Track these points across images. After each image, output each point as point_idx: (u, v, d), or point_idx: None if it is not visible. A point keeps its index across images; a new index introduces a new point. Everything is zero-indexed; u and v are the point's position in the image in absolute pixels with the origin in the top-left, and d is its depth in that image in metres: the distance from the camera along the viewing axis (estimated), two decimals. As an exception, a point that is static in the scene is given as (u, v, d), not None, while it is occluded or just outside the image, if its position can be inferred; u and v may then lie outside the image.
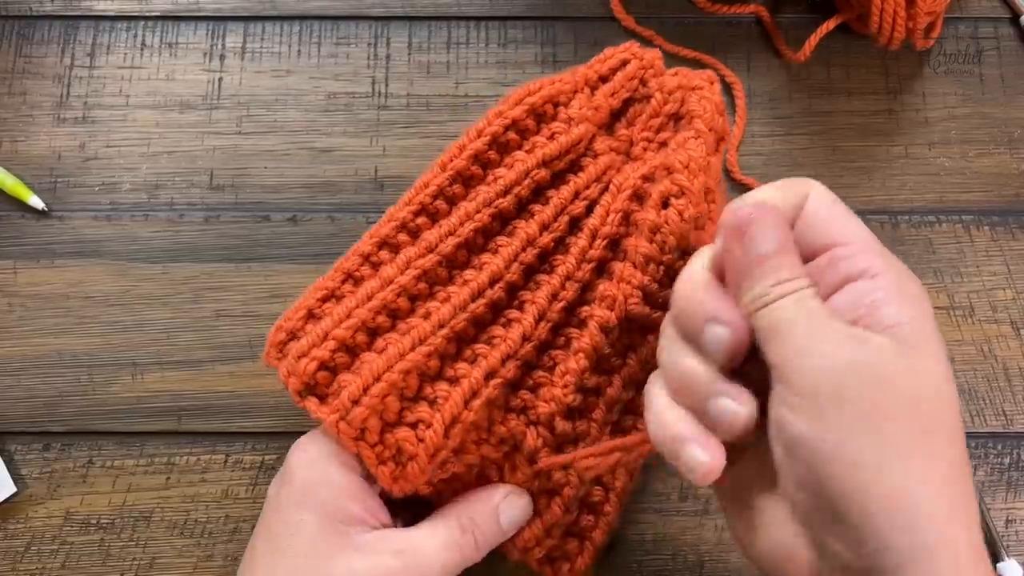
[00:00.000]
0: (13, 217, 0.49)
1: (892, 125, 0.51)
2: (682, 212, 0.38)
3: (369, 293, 0.38)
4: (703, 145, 0.40)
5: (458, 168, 0.41)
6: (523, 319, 0.38)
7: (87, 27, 0.53)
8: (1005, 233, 0.49)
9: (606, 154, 0.42)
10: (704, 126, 0.40)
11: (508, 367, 0.38)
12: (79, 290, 0.48)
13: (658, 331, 0.39)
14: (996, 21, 0.54)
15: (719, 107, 0.41)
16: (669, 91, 0.42)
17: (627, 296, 0.38)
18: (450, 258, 0.39)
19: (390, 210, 0.41)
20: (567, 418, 0.38)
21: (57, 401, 0.46)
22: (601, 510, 0.40)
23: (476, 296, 0.38)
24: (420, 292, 0.39)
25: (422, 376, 0.37)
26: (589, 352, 0.38)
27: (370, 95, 0.52)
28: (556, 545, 0.40)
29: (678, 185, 0.38)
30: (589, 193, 0.41)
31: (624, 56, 0.44)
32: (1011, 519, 0.45)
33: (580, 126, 0.41)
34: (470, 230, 0.39)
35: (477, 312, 0.38)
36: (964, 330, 0.48)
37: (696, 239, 0.40)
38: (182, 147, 0.50)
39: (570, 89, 0.43)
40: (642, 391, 0.41)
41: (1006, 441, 0.46)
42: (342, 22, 0.53)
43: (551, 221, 0.40)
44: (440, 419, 0.36)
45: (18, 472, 0.45)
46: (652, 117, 0.42)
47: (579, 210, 0.40)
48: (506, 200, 0.40)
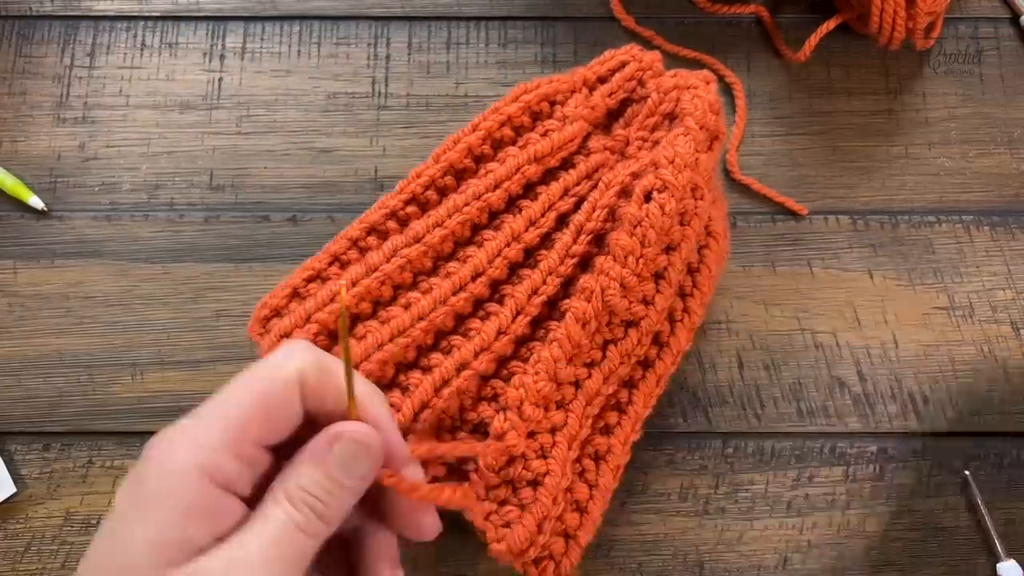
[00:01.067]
0: (13, 217, 0.49)
1: (892, 125, 0.51)
2: (663, 206, 0.38)
3: (354, 279, 0.39)
4: (691, 142, 0.40)
5: (451, 160, 0.42)
6: (500, 313, 0.39)
7: (87, 27, 0.53)
8: (1005, 233, 0.49)
9: (599, 152, 0.42)
10: (695, 123, 0.40)
11: (481, 359, 0.38)
12: (79, 290, 0.48)
13: (639, 325, 0.40)
14: (996, 21, 0.54)
15: (713, 106, 0.42)
16: (665, 91, 0.43)
17: (604, 288, 0.38)
18: (436, 249, 0.40)
19: (382, 197, 0.42)
20: (541, 407, 0.39)
21: (57, 401, 0.46)
22: (587, 508, 0.40)
23: (457, 290, 0.39)
24: (404, 281, 0.40)
25: (398, 365, 0.38)
26: (564, 342, 0.38)
27: (370, 95, 0.52)
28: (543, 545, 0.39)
29: (661, 180, 0.39)
30: (578, 190, 0.41)
31: (624, 58, 0.44)
32: (1011, 519, 0.45)
33: (574, 124, 0.42)
34: (457, 222, 0.40)
35: (457, 306, 0.39)
36: (964, 330, 0.48)
37: (681, 235, 0.40)
38: (182, 147, 0.50)
39: (567, 88, 0.43)
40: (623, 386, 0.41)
41: (1006, 441, 0.46)
42: (342, 22, 0.53)
43: (538, 217, 0.40)
44: (410, 404, 0.37)
45: (18, 472, 0.45)
46: (648, 116, 0.43)
47: (567, 207, 0.41)
48: (495, 195, 0.40)
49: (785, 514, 0.45)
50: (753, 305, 0.48)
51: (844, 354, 0.47)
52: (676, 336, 0.42)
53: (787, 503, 0.45)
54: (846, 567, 0.44)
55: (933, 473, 0.46)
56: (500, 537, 0.37)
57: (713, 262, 0.43)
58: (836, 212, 0.49)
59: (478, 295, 0.39)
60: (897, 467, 0.46)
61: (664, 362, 0.42)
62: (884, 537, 0.45)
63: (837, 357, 0.47)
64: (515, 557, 0.38)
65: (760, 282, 0.48)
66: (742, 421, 0.46)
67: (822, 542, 0.45)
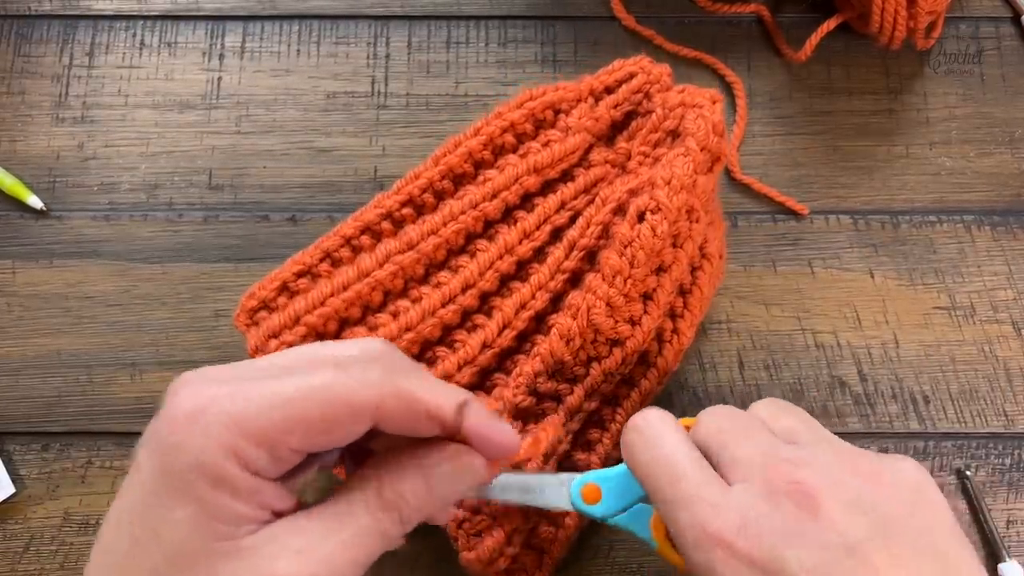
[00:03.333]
0: (12, 217, 0.49)
1: (893, 125, 0.51)
2: (655, 228, 0.38)
3: (345, 283, 0.39)
4: (690, 163, 0.39)
5: (450, 164, 0.41)
6: (487, 326, 0.39)
7: (86, 26, 0.52)
8: (1006, 233, 0.49)
9: (600, 166, 0.42)
10: (696, 145, 0.40)
11: (464, 372, 0.38)
12: (78, 290, 0.48)
13: (624, 345, 0.40)
14: (997, 21, 0.53)
15: (717, 127, 0.41)
16: (671, 107, 0.42)
17: (591, 307, 0.38)
18: (429, 256, 0.40)
19: (378, 196, 0.41)
20: (519, 419, 0.39)
21: (56, 401, 0.46)
22: (562, 523, 0.39)
23: (446, 302, 0.39)
24: (395, 288, 0.40)
25: None
26: (546, 357, 0.38)
27: (369, 95, 0.51)
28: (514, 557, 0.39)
29: (655, 200, 0.38)
30: (575, 204, 0.41)
31: (632, 69, 0.44)
32: (1012, 520, 0.45)
33: (576, 136, 0.41)
34: (452, 231, 0.39)
35: (445, 318, 0.39)
36: (965, 330, 0.48)
37: (673, 257, 0.40)
38: (181, 147, 0.50)
39: (573, 97, 0.43)
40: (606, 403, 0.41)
41: (1007, 442, 0.46)
42: (341, 22, 0.53)
43: (533, 230, 0.40)
44: None
45: (17, 472, 0.45)
46: (651, 132, 0.42)
47: (562, 220, 0.41)
48: (492, 204, 0.40)
49: (785, 514, 0.45)
50: (753, 305, 0.48)
51: (845, 354, 0.47)
52: (664, 356, 0.42)
53: (787, 503, 0.45)
54: (847, 568, 0.44)
55: (934, 474, 0.46)
56: (471, 546, 0.37)
57: (706, 284, 0.43)
58: (837, 212, 0.49)
59: (467, 306, 0.39)
60: (898, 467, 0.46)
61: (649, 381, 0.42)
62: (885, 537, 0.45)
63: (838, 357, 0.47)
64: (484, 567, 0.37)
65: (760, 282, 0.48)
66: (742, 421, 0.46)
67: (822, 542, 0.45)
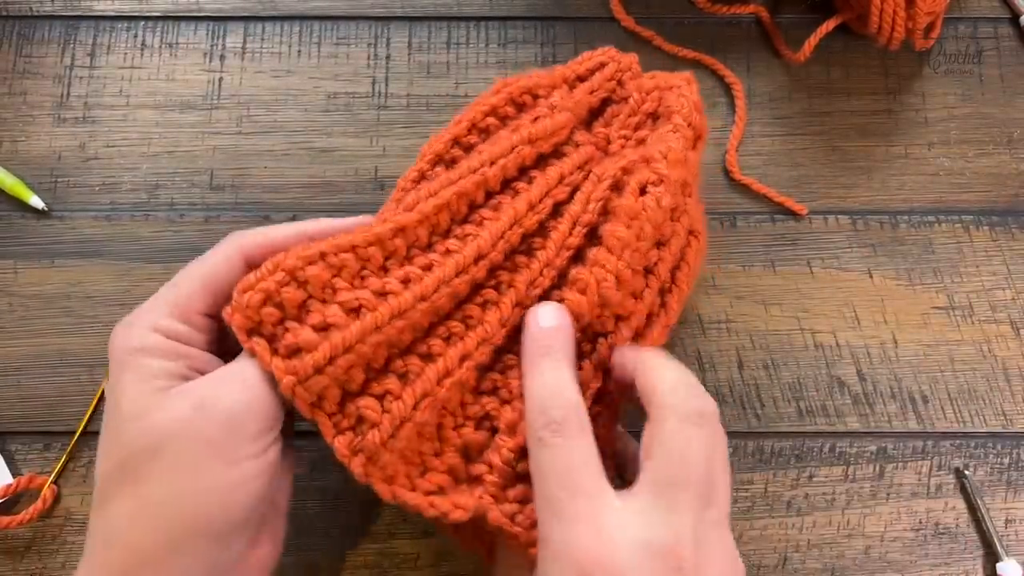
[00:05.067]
0: (13, 217, 0.49)
1: (892, 125, 0.52)
2: (660, 200, 0.38)
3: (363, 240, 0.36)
4: (682, 139, 0.40)
5: (437, 151, 0.41)
6: (501, 304, 0.38)
7: (87, 27, 0.53)
8: (1005, 233, 0.49)
9: (587, 145, 0.42)
10: (683, 121, 0.41)
11: (482, 350, 0.37)
12: (79, 290, 0.48)
13: (629, 319, 0.40)
14: (996, 21, 0.54)
15: (697, 105, 0.42)
16: (647, 91, 0.43)
17: (600, 280, 0.38)
18: (430, 219, 0.38)
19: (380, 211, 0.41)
20: None
21: (58, 401, 0.46)
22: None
23: (460, 271, 0.37)
24: (395, 249, 0.37)
25: (391, 348, 0.35)
26: None
27: (370, 95, 0.52)
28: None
29: (657, 173, 0.39)
30: (573, 179, 0.41)
31: (602, 59, 0.45)
32: (1011, 519, 0.45)
33: (563, 113, 0.41)
34: (453, 193, 0.38)
35: (459, 288, 0.37)
36: (963, 330, 0.48)
37: (671, 231, 0.40)
38: (182, 147, 0.50)
39: (548, 84, 0.43)
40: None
41: (1006, 441, 0.46)
42: (342, 22, 0.53)
43: (537, 201, 0.40)
44: (411, 392, 0.34)
45: (19, 472, 0.45)
46: (630, 115, 0.43)
47: (563, 195, 0.40)
48: (492, 169, 0.39)
49: (785, 513, 0.45)
50: (753, 305, 0.48)
51: (844, 354, 0.47)
52: (652, 331, 0.41)
53: (787, 502, 0.45)
54: (846, 567, 0.44)
55: (933, 473, 0.46)
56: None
57: (693, 259, 0.43)
58: (836, 212, 0.49)
59: (477, 278, 0.38)
60: (897, 467, 0.46)
61: None
62: (884, 537, 0.45)
63: (837, 357, 0.47)
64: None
65: (760, 282, 0.48)
66: (742, 421, 0.46)
67: (822, 542, 0.45)
